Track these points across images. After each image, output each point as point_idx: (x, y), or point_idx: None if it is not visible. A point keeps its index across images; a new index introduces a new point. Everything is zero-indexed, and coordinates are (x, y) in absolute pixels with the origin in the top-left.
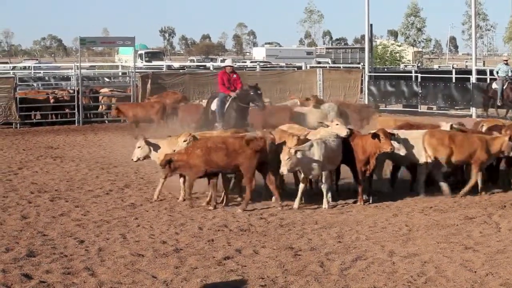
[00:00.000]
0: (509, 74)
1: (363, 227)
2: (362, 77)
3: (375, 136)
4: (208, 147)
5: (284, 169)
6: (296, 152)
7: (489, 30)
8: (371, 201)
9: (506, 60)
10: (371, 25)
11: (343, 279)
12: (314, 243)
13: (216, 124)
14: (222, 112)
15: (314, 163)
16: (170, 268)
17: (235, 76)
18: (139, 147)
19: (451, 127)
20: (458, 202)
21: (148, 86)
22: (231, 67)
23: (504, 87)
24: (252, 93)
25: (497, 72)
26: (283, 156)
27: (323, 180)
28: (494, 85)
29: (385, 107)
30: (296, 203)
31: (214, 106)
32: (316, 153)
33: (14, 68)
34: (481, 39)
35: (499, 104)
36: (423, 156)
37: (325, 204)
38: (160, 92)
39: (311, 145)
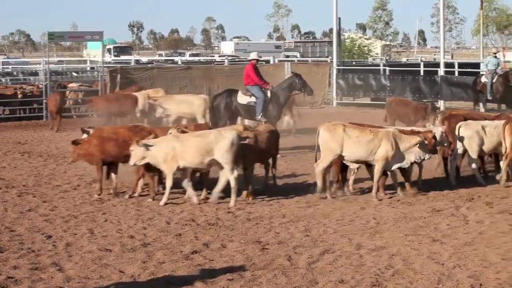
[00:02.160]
0: (498, 68)
1: (330, 220)
2: (330, 70)
3: None
4: (102, 137)
5: (131, 160)
6: (143, 145)
7: (458, 23)
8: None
9: (495, 53)
10: (339, 18)
11: (311, 273)
12: (281, 236)
13: (258, 116)
14: (265, 105)
15: (160, 157)
16: (138, 262)
17: (259, 69)
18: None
19: None
20: (426, 195)
21: (118, 80)
22: (257, 60)
23: (494, 81)
24: (297, 81)
25: (486, 65)
26: (130, 148)
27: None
28: (483, 79)
29: (353, 100)
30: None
31: (244, 99)
32: (162, 148)
33: None
34: (450, 32)
35: (489, 98)
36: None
37: (192, 197)
38: (129, 87)
39: (162, 140)
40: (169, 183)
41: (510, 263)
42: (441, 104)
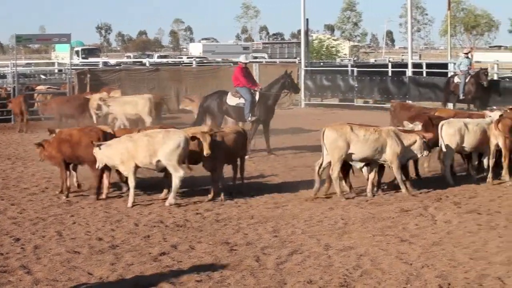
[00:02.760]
0: (470, 68)
1: (299, 221)
2: (298, 71)
3: None
4: (60, 138)
5: (97, 163)
6: (100, 147)
7: (426, 24)
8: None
9: (467, 53)
10: (307, 19)
11: (279, 273)
12: (250, 237)
13: (247, 117)
14: (253, 106)
15: (117, 159)
16: (106, 264)
17: (249, 71)
18: None
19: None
20: (394, 195)
21: (87, 82)
22: (245, 63)
23: (466, 81)
24: (289, 81)
25: (459, 66)
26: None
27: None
28: (456, 79)
29: (321, 101)
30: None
31: (233, 101)
32: (117, 149)
33: None
34: (419, 33)
35: (461, 98)
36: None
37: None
38: (97, 89)
39: (117, 141)
40: (131, 183)
41: (478, 263)
42: None
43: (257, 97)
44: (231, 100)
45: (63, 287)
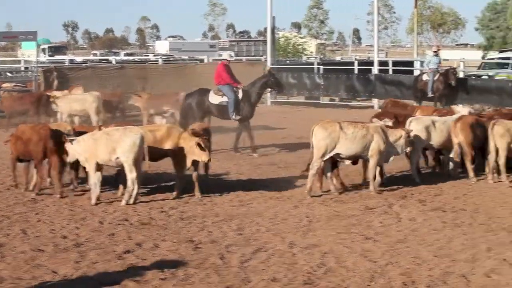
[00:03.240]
0: (439, 66)
1: (263, 219)
2: (264, 69)
3: None
4: (15, 135)
5: (68, 158)
6: (71, 143)
7: (394, 22)
8: None
9: (436, 51)
10: (274, 17)
11: (243, 271)
12: (214, 235)
13: (232, 115)
14: (237, 104)
15: (82, 155)
16: (71, 263)
17: (231, 70)
18: None
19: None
20: (359, 192)
21: (54, 80)
22: (228, 60)
23: (435, 79)
24: (272, 80)
25: (428, 64)
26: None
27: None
28: (424, 77)
29: (288, 99)
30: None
31: (216, 99)
32: (82, 146)
33: None
34: (386, 31)
35: (429, 96)
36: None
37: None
38: (64, 86)
39: (84, 138)
40: (91, 180)
41: (443, 260)
42: (375, 102)
43: (240, 95)
44: (214, 98)
45: (27, 285)
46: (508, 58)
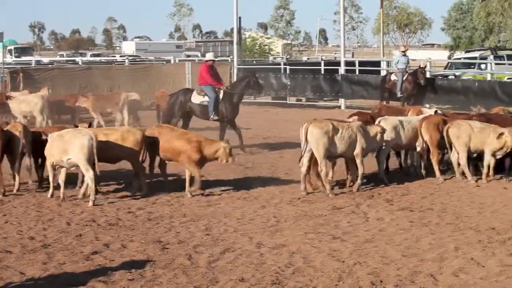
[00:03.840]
0: (408, 66)
1: (231, 219)
2: (231, 70)
3: None
4: None
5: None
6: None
7: (361, 22)
8: None
9: (404, 51)
10: (240, 18)
11: (211, 272)
12: (182, 236)
13: (211, 115)
14: (216, 104)
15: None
16: (38, 264)
17: (214, 69)
18: None
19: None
20: (325, 192)
21: (20, 81)
22: (212, 61)
23: (404, 79)
24: (254, 80)
25: (396, 64)
26: None
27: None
28: (393, 77)
29: (254, 99)
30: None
31: (198, 99)
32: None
33: None
34: (354, 31)
35: (398, 96)
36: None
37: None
38: (30, 87)
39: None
40: (51, 178)
41: (410, 260)
42: (341, 102)
43: (221, 95)
44: (196, 98)
45: None
46: (474, 58)
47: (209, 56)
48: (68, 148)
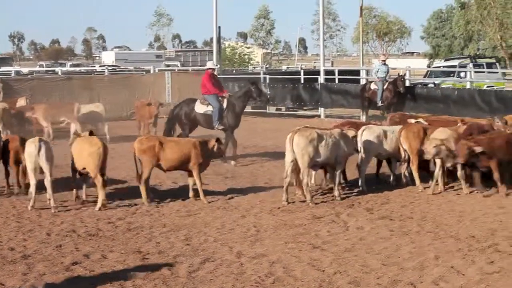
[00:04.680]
0: (388, 74)
1: (211, 229)
2: None
3: None
4: None
5: None
6: None
7: (339, 31)
8: None
9: (384, 60)
10: (219, 27)
11: (191, 282)
12: (162, 246)
13: (216, 125)
14: (221, 114)
15: None
16: (18, 275)
17: (217, 77)
18: None
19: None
20: (306, 202)
21: (0, 92)
22: (213, 69)
23: (384, 88)
24: (253, 89)
25: (376, 73)
26: None
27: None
28: (373, 86)
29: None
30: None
31: (201, 108)
32: None
33: None
34: (332, 40)
35: (379, 105)
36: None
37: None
38: (10, 98)
39: None
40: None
41: (391, 269)
42: (321, 111)
43: (224, 104)
44: (199, 108)
45: None
46: (453, 66)
47: (210, 64)
48: (23, 156)
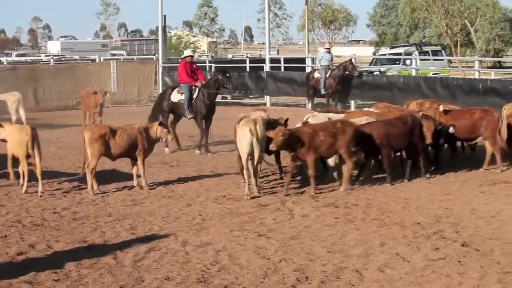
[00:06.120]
0: (331, 63)
1: (156, 218)
2: (156, 68)
3: None
4: None
5: None
6: None
7: (285, 19)
8: None
9: (329, 48)
10: (165, 16)
11: (137, 271)
12: (107, 235)
13: (186, 114)
14: (190, 103)
15: None
16: None
17: (195, 66)
18: None
19: None
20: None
21: None
22: (191, 57)
23: (327, 76)
24: (220, 78)
25: (320, 61)
26: None
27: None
28: (316, 74)
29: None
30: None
31: (176, 97)
32: None
33: None
34: (278, 28)
35: (322, 92)
36: None
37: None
38: None
39: None
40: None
41: (336, 256)
42: (267, 99)
43: (195, 94)
44: (174, 97)
45: None
46: (399, 54)
47: (187, 52)
48: None
